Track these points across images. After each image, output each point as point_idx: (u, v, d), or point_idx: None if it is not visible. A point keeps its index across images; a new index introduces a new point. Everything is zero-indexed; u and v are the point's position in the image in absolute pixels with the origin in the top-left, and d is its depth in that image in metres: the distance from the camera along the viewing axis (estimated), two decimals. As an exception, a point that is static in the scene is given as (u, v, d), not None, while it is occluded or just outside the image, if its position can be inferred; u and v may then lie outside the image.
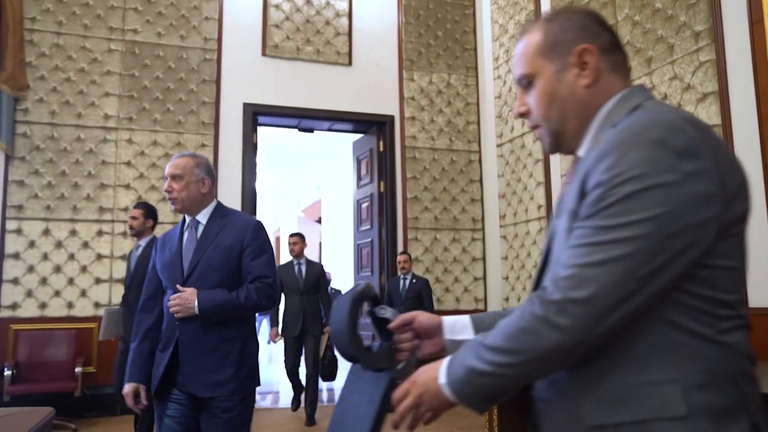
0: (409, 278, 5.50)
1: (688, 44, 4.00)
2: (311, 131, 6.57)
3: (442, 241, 6.29)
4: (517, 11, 5.95)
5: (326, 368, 5.55)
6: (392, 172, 6.25)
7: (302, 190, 12.80)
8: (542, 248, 1.03)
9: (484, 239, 6.42)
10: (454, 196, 6.38)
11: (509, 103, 6.04)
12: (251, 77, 5.92)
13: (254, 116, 5.92)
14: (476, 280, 6.35)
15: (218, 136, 5.74)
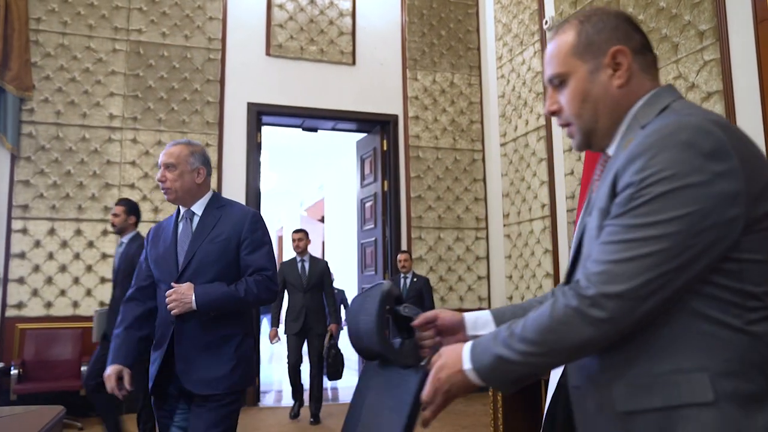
0: (409, 277, 5.48)
1: (692, 43, 4.00)
2: (315, 131, 6.58)
3: (445, 240, 6.29)
4: (520, 10, 5.95)
5: (331, 366, 5.35)
6: (396, 171, 6.26)
7: (305, 189, 12.79)
8: (573, 244, 1.07)
9: (487, 238, 6.42)
10: (457, 195, 6.39)
11: (512, 102, 6.05)
12: (255, 77, 5.93)
13: (258, 116, 5.93)
14: (480, 279, 6.36)
15: (222, 135, 5.76)
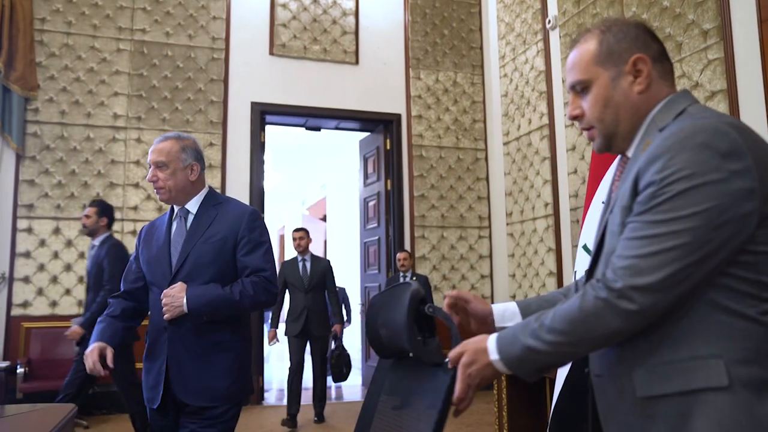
0: (409, 276, 5.44)
1: (696, 42, 4.01)
2: (318, 130, 6.59)
3: (449, 238, 6.31)
4: (523, 9, 5.96)
5: (335, 367, 5.25)
6: (399, 170, 6.28)
7: (307, 188, 12.81)
8: (594, 241, 1.12)
9: (490, 237, 6.44)
10: (460, 194, 6.40)
11: (515, 101, 6.06)
12: (259, 76, 5.95)
13: (262, 115, 5.94)
14: (483, 277, 6.37)
15: (226, 135, 5.77)
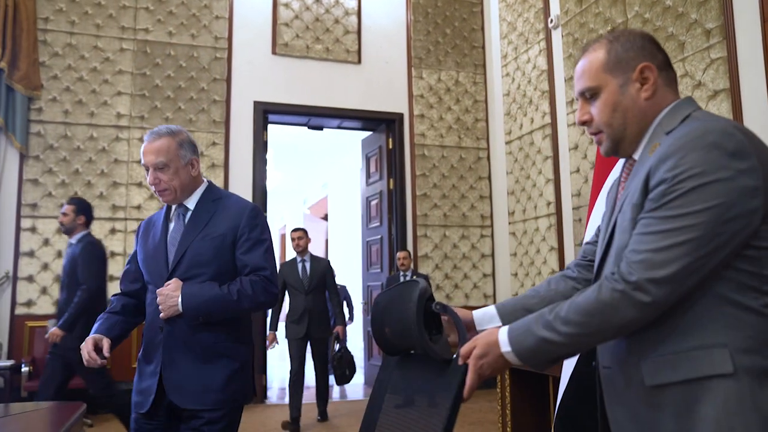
0: (409, 275, 5.42)
1: (699, 42, 4.02)
2: (321, 129, 6.60)
3: (451, 237, 6.32)
4: (525, 9, 5.97)
5: (337, 369, 5.10)
6: (401, 169, 6.29)
7: (308, 187, 12.83)
8: (601, 240, 1.20)
9: (493, 236, 6.45)
10: (463, 193, 6.41)
11: (517, 100, 6.07)
12: (261, 76, 5.96)
13: (264, 114, 5.95)
14: (485, 276, 6.38)
15: (229, 134, 5.78)
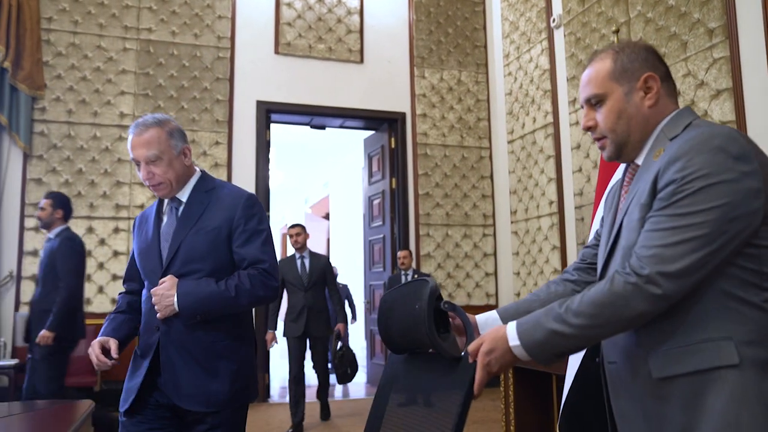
0: (410, 274, 5.41)
1: (701, 41, 4.03)
2: (323, 128, 6.62)
3: (453, 237, 6.33)
4: (527, 8, 5.98)
5: (338, 368, 5.01)
6: (404, 168, 6.30)
7: (309, 186, 12.84)
8: (605, 241, 1.25)
9: (495, 235, 6.46)
10: (465, 192, 6.42)
11: (520, 99, 6.08)
12: (264, 75, 5.97)
13: (267, 114, 5.97)
14: (487, 275, 6.40)
15: (232, 133, 5.79)
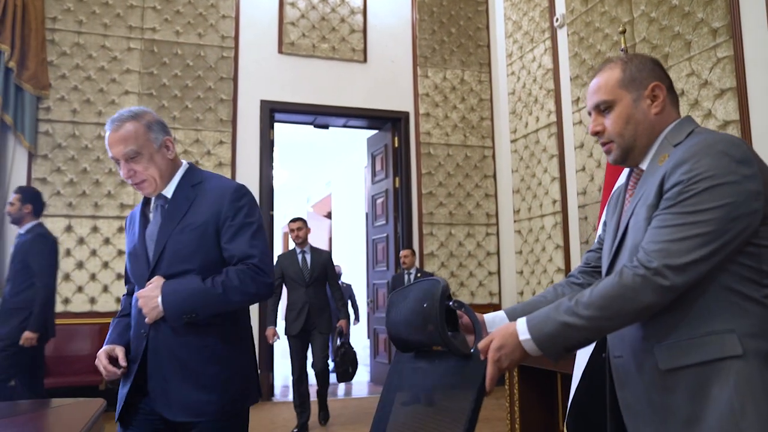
0: (413, 273, 5.40)
1: (705, 41, 4.03)
2: (327, 128, 6.63)
3: (456, 236, 6.35)
4: (530, 8, 5.98)
5: (339, 366, 4.94)
6: (407, 167, 6.31)
7: (312, 185, 12.86)
8: (610, 242, 1.31)
9: (498, 234, 6.47)
10: (468, 191, 6.43)
11: (523, 99, 6.09)
12: (268, 74, 5.98)
13: (271, 113, 5.98)
14: (491, 274, 6.41)
15: (236, 133, 5.81)
